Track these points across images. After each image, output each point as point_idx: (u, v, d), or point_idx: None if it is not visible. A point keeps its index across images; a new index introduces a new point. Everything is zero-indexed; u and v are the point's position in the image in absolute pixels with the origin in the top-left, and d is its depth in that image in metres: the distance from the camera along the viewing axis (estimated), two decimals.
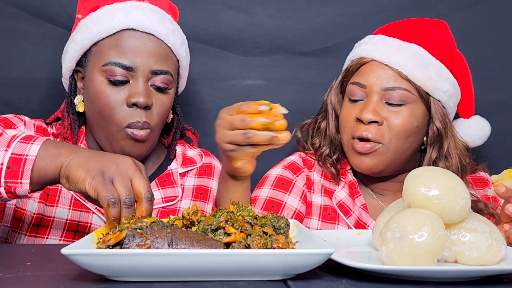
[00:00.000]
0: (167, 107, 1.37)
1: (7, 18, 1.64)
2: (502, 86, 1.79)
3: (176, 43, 1.38)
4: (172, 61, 1.38)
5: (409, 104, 1.37)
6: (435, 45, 1.43)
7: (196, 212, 0.94)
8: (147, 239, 0.82)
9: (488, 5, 1.78)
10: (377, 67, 1.39)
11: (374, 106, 1.37)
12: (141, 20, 1.33)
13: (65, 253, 0.78)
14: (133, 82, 1.31)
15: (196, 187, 1.46)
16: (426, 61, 1.39)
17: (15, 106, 1.64)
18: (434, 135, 1.40)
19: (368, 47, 1.44)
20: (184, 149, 1.52)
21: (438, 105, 1.40)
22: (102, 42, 1.33)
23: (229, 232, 0.87)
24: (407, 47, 1.40)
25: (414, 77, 1.37)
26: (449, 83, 1.42)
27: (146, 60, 1.31)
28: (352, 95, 1.42)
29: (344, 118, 1.43)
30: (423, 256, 0.86)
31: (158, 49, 1.33)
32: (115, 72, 1.30)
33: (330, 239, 1.03)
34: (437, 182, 0.92)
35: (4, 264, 0.92)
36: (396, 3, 1.76)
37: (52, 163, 1.02)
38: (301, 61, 1.77)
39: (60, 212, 1.34)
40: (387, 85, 1.37)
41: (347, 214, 1.44)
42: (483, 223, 0.94)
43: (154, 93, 1.33)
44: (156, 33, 1.33)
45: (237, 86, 1.76)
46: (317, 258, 0.82)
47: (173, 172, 1.45)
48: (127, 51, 1.31)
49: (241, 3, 1.74)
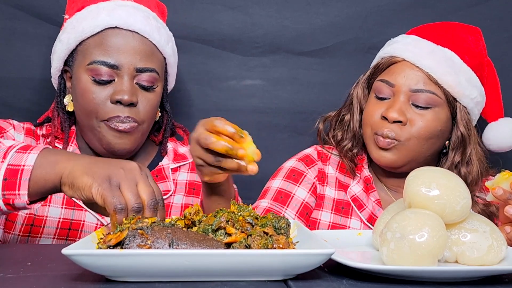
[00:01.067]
0: (154, 105, 1.38)
1: (6, 18, 1.64)
2: (502, 86, 1.79)
3: (161, 41, 1.38)
4: (158, 59, 1.38)
5: (435, 107, 1.38)
6: (467, 51, 1.43)
7: (198, 212, 0.94)
8: (148, 240, 0.82)
9: (488, 5, 1.78)
10: (408, 68, 1.40)
11: (400, 106, 1.38)
12: (125, 18, 1.34)
13: (66, 253, 0.78)
14: (118, 80, 1.32)
15: (189, 182, 1.47)
16: (457, 67, 1.40)
17: (13, 106, 1.64)
18: (458, 140, 1.42)
19: (400, 46, 1.44)
20: (176, 146, 1.53)
21: (464, 111, 1.41)
22: (87, 41, 1.34)
23: (229, 232, 0.87)
24: (440, 51, 1.41)
25: (444, 81, 1.37)
26: (477, 91, 1.43)
27: (131, 58, 1.32)
28: (379, 92, 1.43)
29: (369, 114, 1.44)
30: (423, 256, 0.86)
31: (143, 46, 1.35)
32: (100, 71, 1.31)
33: (331, 239, 1.03)
34: (437, 182, 0.92)
35: (5, 264, 0.92)
36: (396, 3, 1.76)
37: (52, 170, 0.99)
38: (301, 61, 1.77)
39: (53, 211, 1.35)
40: (415, 87, 1.38)
41: (360, 208, 1.46)
42: (484, 223, 0.94)
43: (139, 91, 1.34)
44: (140, 31, 1.34)
45: (236, 86, 1.76)
46: (318, 258, 0.82)
47: (164, 168, 1.46)
48: (112, 49, 1.32)
49: (241, 3, 1.74)
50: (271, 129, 1.76)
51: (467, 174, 1.42)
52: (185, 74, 1.72)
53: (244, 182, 1.52)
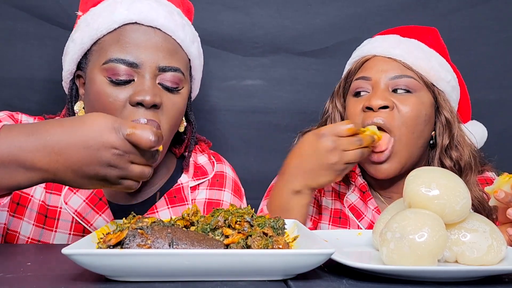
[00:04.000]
0: (180, 109, 1.24)
1: (7, 18, 1.64)
2: (502, 86, 1.79)
3: (186, 39, 1.25)
4: (183, 58, 1.26)
5: (416, 92, 1.36)
6: (432, 43, 1.44)
7: (196, 213, 0.94)
8: (148, 239, 0.82)
9: (487, 6, 1.78)
10: (380, 61, 1.39)
11: (382, 92, 1.35)
12: (146, 13, 1.21)
13: (66, 253, 0.78)
14: (138, 79, 1.18)
15: (207, 202, 1.35)
16: (427, 52, 1.41)
17: (14, 106, 1.64)
18: (443, 124, 1.39)
19: (368, 47, 1.44)
20: (195, 156, 1.41)
21: (444, 96, 1.40)
22: (103, 39, 1.21)
23: (226, 234, 0.87)
24: (407, 41, 1.42)
25: (418, 66, 1.37)
26: (451, 75, 1.42)
27: (152, 56, 1.19)
28: (357, 88, 1.40)
29: (351, 114, 1.39)
30: (423, 256, 0.86)
31: (166, 44, 1.21)
32: (117, 70, 1.17)
33: (331, 239, 1.03)
34: (437, 182, 0.92)
35: (5, 264, 0.92)
36: (396, 3, 1.76)
37: (23, 176, 0.89)
38: (301, 61, 1.77)
39: (60, 238, 1.24)
40: (392, 75, 1.37)
41: (359, 217, 1.42)
42: (484, 223, 0.94)
43: (163, 92, 1.20)
44: (162, 27, 1.22)
45: (236, 86, 1.76)
46: (318, 258, 0.82)
47: (183, 187, 1.34)
48: (130, 46, 1.19)
49: (241, 3, 1.75)
50: (271, 129, 1.76)
51: (459, 158, 1.38)
52: None
53: (244, 182, 1.52)
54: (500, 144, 1.73)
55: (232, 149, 1.74)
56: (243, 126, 1.76)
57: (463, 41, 1.76)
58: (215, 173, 1.40)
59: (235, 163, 1.69)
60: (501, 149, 1.68)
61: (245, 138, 1.75)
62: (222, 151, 1.66)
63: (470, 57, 1.72)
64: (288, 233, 0.97)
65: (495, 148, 1.60)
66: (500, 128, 1.64)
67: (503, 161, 1.55)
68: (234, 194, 1.42)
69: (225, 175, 1.41)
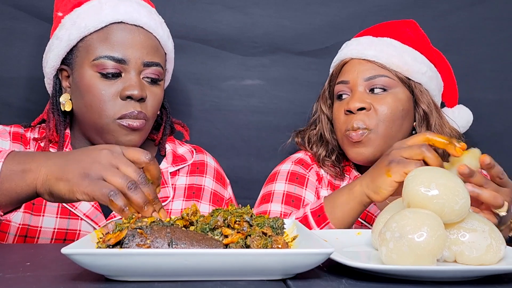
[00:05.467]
0: (160, 99, 1.38)
1: (6, 18, 1.64)
2: (502, 86, 1.79)
3: (164, 36, 1.39)
4: (161, 54, 1.39)
5: (392, 89, 1.43)
6: (407, 38, 1.50)
7: (196, 213, 0.94)
8: (147, 239, 0.82)
9: (487, 5, 1.79)
10: (356, 63, 1.47)
11: (359, 95, 1.43)
12: (130, 13, 1.33)
13: (65, 253, 0.78)
14: (125, 75, 1.31)
15: (188, 186, 1.43)
16: (399, 49, 1.47)
17: (14, 106, 1.64)
18: (421, 116, 1.46)
19: (345, 50, 1.52)
20: (174, 147, 1.50)
21: (420, 88, 1.46)
22: (90, 37, 1.32)
23: (226, 233, 0.87)
24: (379, 41, 1.49)
25: (390, 64, 1.44)
26: (426, 66, 1.48)
27: (138, 53, 1.31)
28: (338, 92, 1.49)
29: (335, 117, 1.49)
30: (422, 255, 0.86)
31: (149, 41, 1.34)
32: (106, 66, 1.29)
33: (330, 239, 1.03)
34: (436, 182, 0.92)
35: (4, 264, 0.92)
36: (395, 3, 1.77)
37: (22, 182, 0.95)
38: (300, 61, 1.77)
39: (47, 221, 1.30)
40: (367, 76, 1.44)
41: None
42: (482, 222, 0.94)
43: (147, 86, 1.33)
44: (145, 25, 1.34)
45: (235, 86, 1.76)
46: (317, 258, 0.82)
47: (163, 172, 1.43)
48: (118, 44, 1.30)
49: (240, 3, 1.75)
50: (271, 129, 1.76)
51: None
52: (184, 74, 1.72)
53: (244, 182, 1.52)
54: (500, 144, 1.73)
55: (232, 149, 1.74)
56: (243, 126, 1.76)
57: (463, 41, 1.76)
58: (194, 161, 1.48)
59: (235, 163, 1.69)
60: (501, 149, 1.69)
61: (244, 137, 1.75)
62: (222, 151, 1.67)
63: (470, 57, 1.72)
64: (287, 233, 0.97)
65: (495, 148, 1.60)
66: (500, 128, 1.64)
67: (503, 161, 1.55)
68: (216, 181, 1.45)
69: (206, 163, 1.48)
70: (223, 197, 1.45)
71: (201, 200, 1.41)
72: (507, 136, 1.77)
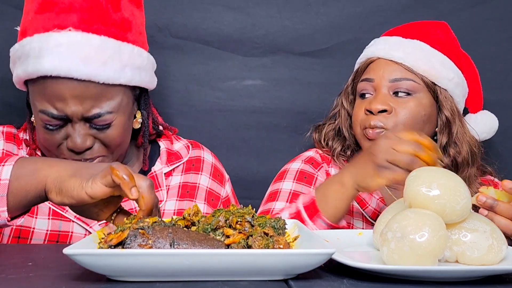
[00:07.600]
0: (117, 135, 1.26)
1: (7, 19, 1.64)
2: (503, 86, 1.79)
3: (111, 73, 1.22)
4: (110, 96, 1.24)
5: (416, 94, 1.42)
6: (436, 41, 1.48)
7: (197, 213, 0.94)
8: (149, 239, 0.82)
9: (488, 6, 1.78)
10: (383, 63, 1.45)
11: (382, 96, 1.42)
12: (57, 66, 1.17)
13: (67, 253, 0.78)
14: (69, 126, 1.23)
15: (182, 185, 1.40)
16: (428, 53, 1.45)
17: (13, 106, 1.64)
18: (443, 123, 1.44)
19: (373, 48, 1.50)
20: (168, 144, 1.46)
21: (446, 94, 1.45)
22: (31, 84, 1.25)
23: (227, 234, 0.87)
24: (408, 42, 1.47)
25: (417, 67, 1.42)
26: (453, 73, 1.46)
27: (76, 107, 1.20)
28: (361, 90, 1.47)
29: (355, 114, 1.48)
30: (424, 256, 0.86)
31: (86, 92, 1.20)
32: (48, 120, 1.21)
33: (332, 239, 1.03)
34: (438, 182, 0.92)
35: (6, 265, 0.92)
36: (396, 3, 1.76)
37: (32, 180, 0.94)
38: (301, 62, 1.77)
39: (40, 223, 1.28)
40: (393, 77, 1.43)
41: (363, 206, 1.46)
42: (484, 223, 0.95)
43: (95, 132, 1.24)
44: (80, 75, 1.18)
45: (237, 86, 1.76)
46: (318, 258, 0.82)
47: (157, 174, 1.39)
48: (54, 99, 1.20)
49: (241, 3, 1.74)
50: (271, 129, 1.76)
51: (456, 155, 1.44)
52: (185, 75, 1.72)
53: (244, 182, 1.52)
54: (500, 144, 1.73)
55: (232, 149, 1.74)
56: (243, 126, 1.76)
57: (463, 41, 1.76)
58: (190, 157, 1.45)
59: (235, 163, 1.69)
60: (501, 149, 1.69)
61: (245, 138, 1.75)
62: (223, 151, 1.67)
63: (471, 58, 1.71)
64: (289, 233, 0.97)
65: (495, 149, 1.60)
66: (500, 128, 1.63)
67: (504, 161, 1.56)
68: (212, 178, 1.43)
69: (203, 159, 1.46)
70: (219, 195, 1.44)
71: (196, 199, 1.40)
72: (508, 136, 1.77)
